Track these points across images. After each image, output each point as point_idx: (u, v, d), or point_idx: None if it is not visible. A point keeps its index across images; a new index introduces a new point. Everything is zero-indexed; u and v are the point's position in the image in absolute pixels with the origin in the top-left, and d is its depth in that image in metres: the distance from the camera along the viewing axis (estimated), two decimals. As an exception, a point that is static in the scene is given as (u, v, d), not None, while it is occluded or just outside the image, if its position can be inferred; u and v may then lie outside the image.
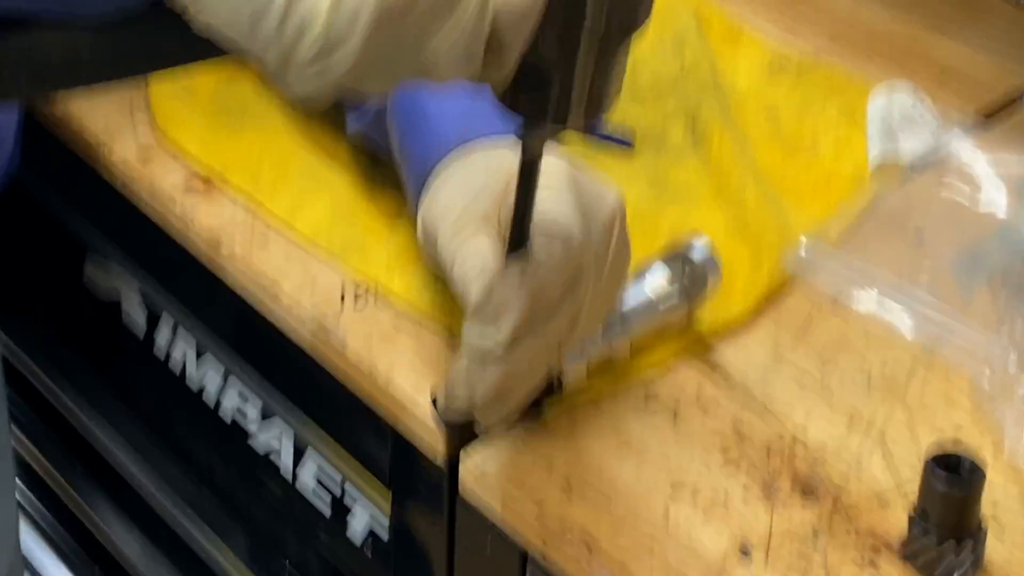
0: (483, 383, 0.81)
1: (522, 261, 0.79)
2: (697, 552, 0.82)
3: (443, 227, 0.83)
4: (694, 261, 0.92)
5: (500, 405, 0.83)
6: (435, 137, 0.89)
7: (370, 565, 1.05)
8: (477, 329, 0.79)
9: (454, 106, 0.90)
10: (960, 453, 0.79)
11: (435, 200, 0.85)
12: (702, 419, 0.89)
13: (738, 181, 1.05)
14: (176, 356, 1.17)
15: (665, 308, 0.92)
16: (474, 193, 0.83)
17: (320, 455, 1.06)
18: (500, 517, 0.87)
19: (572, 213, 0.81)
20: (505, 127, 0.89)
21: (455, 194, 0.84)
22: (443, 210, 0.84)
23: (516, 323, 0.79)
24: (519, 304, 0.78)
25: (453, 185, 0.85)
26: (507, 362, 0.80)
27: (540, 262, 0.79)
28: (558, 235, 0.80)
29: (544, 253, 0.79)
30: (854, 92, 1.15)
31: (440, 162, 0.87)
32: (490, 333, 0.79)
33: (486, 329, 0.79)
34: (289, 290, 0.97)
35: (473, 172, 0.85)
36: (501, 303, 0.78)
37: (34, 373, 1.41)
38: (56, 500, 1.49)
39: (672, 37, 1.20)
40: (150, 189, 1.06)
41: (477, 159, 0.86)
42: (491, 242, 0.81)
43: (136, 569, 1.38)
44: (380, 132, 0.97)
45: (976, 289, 0.97)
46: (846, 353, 0.94)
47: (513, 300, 0.78)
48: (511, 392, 0.82)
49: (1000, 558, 0.82)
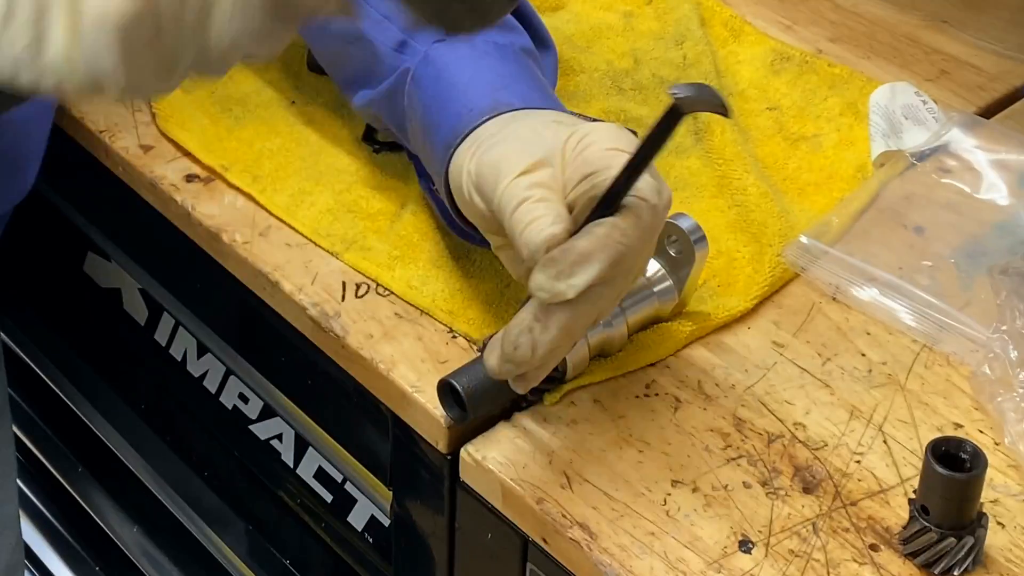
0: (546, 335, 0.80)
1: (615, 219, 0.79)
2: (697, 544, 0.82)
3: (506, 170, 0.82)
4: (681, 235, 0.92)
5: (544, 367, 0.83)
6: (466, 106, 0.89)
7: (371, 555, 1.05)
8: (554, 271, 0.79)
9: (484, 77, 0.90)
10: (961, 443, 0.79)
11: (495, 147, 0.84)
12: (703, 412, 0.90)
13: (739, 175, 1.05)
14: (177, 347, 1.18)
15: (659, 289, 0.92)
16: (540, 149, 0.83)
17: (321, 445, 1.06)
18: (501, 506, 0.87)
19: (658, 188, 0.81)
20: (538, 99, 0.89)
21: (519, 144, 0.83)
22: (507, 155, 0.83)
23: (595, 274, 0.79)
24: (604, 258, 0.79)
25: (518, 136, 0.84)
26: (571, 313, 0.80)
27: (632, 224, 0.79)
28: (651, 205, 0.80)
29: (636, 218, 0.79)
30: (856, 87, 1.15)
31: (478, 125, 0.87)
32: (565, 277, 0.79)
33: (562, 274, 0.79)
34: (291, 280, 0.98)
35: (540, 129, 0.85)
36: (586, 252, 0.78)
37: (34, 367, 1.41)
38: (56, 493, 1.49)
39: (674, 31, 1.21)
40: (151, 179, 1.06)
41: (542, 118, 0.86)
42: (558, 200, 0.81)
43: (136, 560, 1.38)
44: (392, 106, 0.97)
45: (976, 283, 0.97)
46: (846, 345, 0.94)
47: (599, 253, 0.78)
48: (555, 354, 0.82)
49: (1000, 549, 0.82)
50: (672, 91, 0.75)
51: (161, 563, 1.35)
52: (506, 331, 0.81)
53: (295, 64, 1.15)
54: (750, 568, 0.81)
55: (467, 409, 0.86)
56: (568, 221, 0.80)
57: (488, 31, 0.92)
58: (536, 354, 0.81)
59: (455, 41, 0.92)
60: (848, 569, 0.81)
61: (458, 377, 0.86)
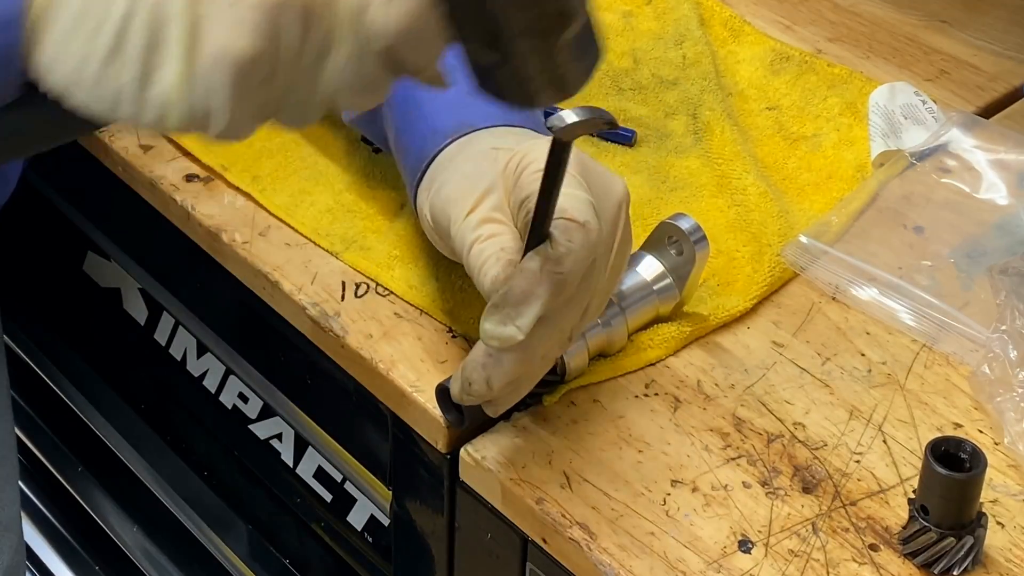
0: (500, 371, 0.81)
1: (546, 250, 0.79)
2: (697, 544, 0.82)
3: (455, 214, 0.82)
4: (681, 235, 0.92)
5: (514, 393, 0.83)
6: (430, 128, 0.89)
7: (371, 554, 1.06)
8: (498, 317, 0.79)
9: (448, 96, 0.90)
10: (960, 442, 0.79)
11: (443, 187, 0.85)
12: (702, 412, 0.90)
13: (739, 175, 1.05)
14: (177, 347, 1.18)
15: (659, 288, 0.92)
16: (484, 181, 0.83)
17: (321, 444, 1.06)
18: (500, 506, 0.87)
19: (588, 202, 0.81)
20: (501, 116, 0.89)
21: (464, 182, 0.84)
22: (453, 197, 0.83)
23: (539, 312, 0.78)
24: (543, 293, 0.78)
25: (461, 173, 0.85)
26: (525, 350, 0.80)
27: (563, 252, 0.79)
28: (578, 225, 0.79)
29: (566, 243, 0.79)
30: (855, 87, 1.15)
31: (440, 151, 0.87)
32: (511, 321, 0.79)
33: (507, 317, 0.79)
34: (290, 280, 0.98)
35: (479, 160, 0.85)
36: (524, 292, 0.78)
37: (35, 367, 1.41)
38: (56, 493, 1.49)
39: (674, 31, 1.21)
40: (151, 179, 1.06)
41: (481, 147, 0.86)
42: (507, 229, 0.81)
43: (137, 561, 1.38)
44: (373, 124, 0.98)
45: (975, 282, 0.97)
46: (846, 345, 0.94)
47: (537, 289, 0.78)
48: (524, 379, 0.83)
49: (999, 549, 0.82)
50: (549, 124, 0.74)
51: (161, 563, 1.35)
52: (463, 366, 0.82)
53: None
54: (750, 568, 0.81)
55: (463, 413, 0.86)
56: (517, 251, 0.80)
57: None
58: (493, 389, 0.81)
59: None
60: (848, 569, 0.81)
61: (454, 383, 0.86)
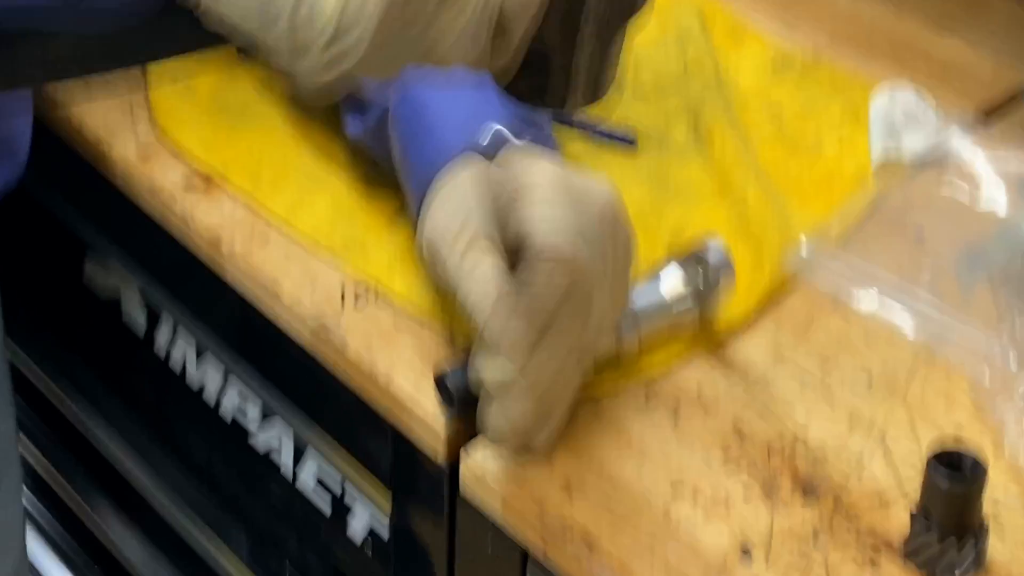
0: (517, 412, 0.81)
1: (516, 286, 0.79)
2: (698, 551, 0.82)
3: (444, 250, 0.83)
4: (708, 263, 0.92)
5: (545, 422, 0.84)
6: (437, 148, 0.89)
7: (370, 565, 1.05)
8: (488, 363, 0.80)
9: (456, 116, 0.90)
10: (962, 450, 0.79)
11: (434, 219, 0.85)
12: (703, 418, 0.89)
13: (740, 180, 1.05)
14: (176, 356, 1.18)
15: (678, 310, 0.92)
16: (473, 209, 0.83)
17: (320, 454, 1.06)
18: (501, 516, 0.87)
19: (566, 224, 0.81)
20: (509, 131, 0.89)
21: (455, 212, 0.84)
22: (442, 231, 0.83)
23: (520, 349, 0.79)
24: (516, 331, 0.79)
25: (452, 202, 0.85)
26: (530, 385, 0.80)
27: (533, 286, 0.79)
28: (552, 256, 0.80)
29: (538, 276, 0.79)
30: (856, 91, 1.15)
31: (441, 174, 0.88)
32: (500, 364, 0.79)
33: (495, 362, 0.79)
34: (289, 289, 0.97)
35: (469, 186, 0.85)
36: (500, 334, 0.79)
37: (36, 376, 1.41)
38: (59, 503, 1.49)
39: (675, 35, 1.20)
40: (150, 187, 1.06)
41: (474, 172, 0.86)
42: (494, 263, 0.81)
43: (138, 571, 1.38)
44: (380, 141, 0.97)
45: (977, 287, 0.97)
46: (847, 352, 0.94)
47: (509, 330, 0.79)
48: (552, 407, 0.83)
49: (1001, 557, 0.81)
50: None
51: (161, 571, 1.35)
52: (484, 421, 0.83)
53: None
54: (751, 577, 0.80)
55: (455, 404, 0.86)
56: (506, 280, 0.81)
57: None
58: (518, 431, 0.82)
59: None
60: (849, 577, 0.80)
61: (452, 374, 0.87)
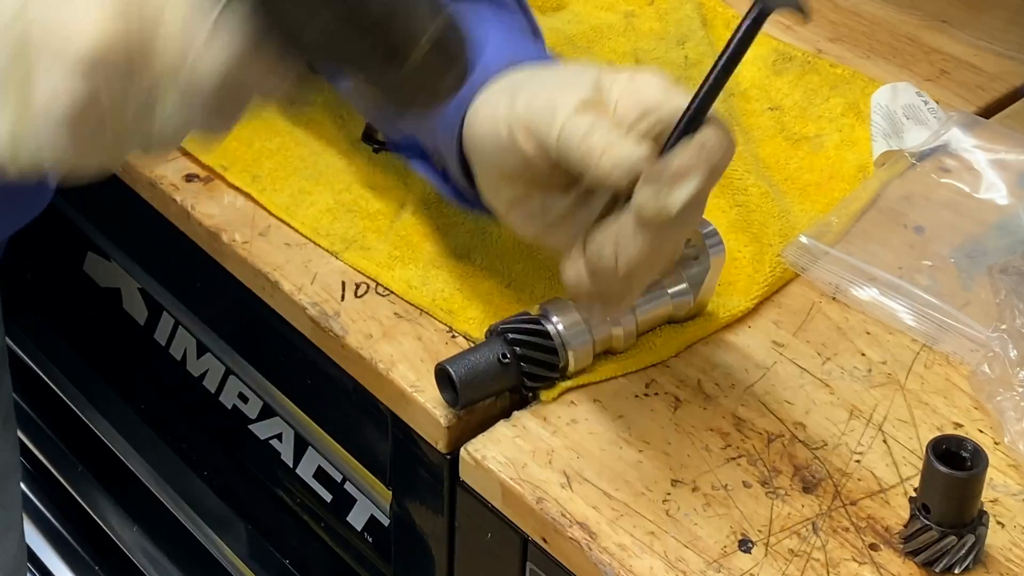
0: (632, 246, 0.80)
1: (705, 135, 0.79)
2: (697, 544, 0.82)
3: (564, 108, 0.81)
4: (702, 247, 0.92)
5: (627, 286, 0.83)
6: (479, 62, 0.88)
7: (371, 555, 1.05)
8: (652, 190, 0.78)
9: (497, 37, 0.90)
10: (961, 441, 0.79)
11: (540, 93, 0.83)
12: (702, 411, 0.90)
13: (740, 175, 1.05)
14: (177, 347, 1.18)
15: (673, 293, 0.92)
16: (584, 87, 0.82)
17: (320, 444, 1.06)
18: (501, 507, 0.87)
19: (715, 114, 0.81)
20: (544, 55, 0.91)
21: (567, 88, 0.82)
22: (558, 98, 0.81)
23: (694, 190, 0.78)
24: (702, 171, 0.78)
25: (558, 85, 0.83)
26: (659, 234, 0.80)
27: (718, 138, 0.79)
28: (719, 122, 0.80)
29: (717, 131, 0.79)
30: (857, 87, 1.15)
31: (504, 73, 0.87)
32: (665, 195, 0.78)
33: (661, 191, 0.78)
34: (290, 282, 0.98)
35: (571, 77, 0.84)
36: (683, 167, 0.78)
37: (35, 368, 1.41)
38: (56, 494, 1.49)
39: (675, 31, 1.21)
40: (151, 180, 1.06)
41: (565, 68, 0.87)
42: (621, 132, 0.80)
43: (136, 560, 1.38)
44: None
45: (975, 282, 0.97)
46: (846, 346, 0.94)
47: (697, 166, 0.78)
48: (642, 272, 0.82)
49: (1000, 549, 0.82)
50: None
51: (161, 563, 1.35)
52: (587, 242, 0.82)
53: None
54: (750, 568, 0.81)
55: (458, 392, 0.86)
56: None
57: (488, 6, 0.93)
58: (619, 266, 0.81)
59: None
60: (848, 568, 0.81)
61: (454, 363, 0.87)
